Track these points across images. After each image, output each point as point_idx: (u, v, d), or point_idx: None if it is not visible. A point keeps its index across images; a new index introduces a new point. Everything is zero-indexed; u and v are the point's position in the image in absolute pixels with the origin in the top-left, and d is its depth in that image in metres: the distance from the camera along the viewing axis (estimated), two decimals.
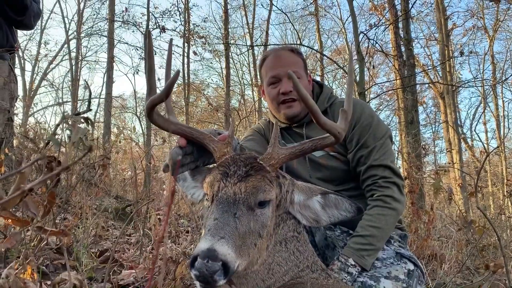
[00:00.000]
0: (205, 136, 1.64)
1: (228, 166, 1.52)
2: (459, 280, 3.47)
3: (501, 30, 20.71)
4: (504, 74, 20.32)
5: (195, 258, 1.21)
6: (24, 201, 1.17)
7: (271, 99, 2.45)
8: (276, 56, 2.45)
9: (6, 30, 3.90)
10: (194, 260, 1.22)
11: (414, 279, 2.02)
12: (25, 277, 1.09)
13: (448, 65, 17.84)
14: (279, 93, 2.38)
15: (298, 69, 2.37)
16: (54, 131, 3.26)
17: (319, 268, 1.66)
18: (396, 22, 10.70)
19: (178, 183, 1.83)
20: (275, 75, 2.39)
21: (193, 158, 1.70)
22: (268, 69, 2.44)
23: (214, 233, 1.28)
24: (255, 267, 1.48)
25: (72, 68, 18.95)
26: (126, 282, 2.23)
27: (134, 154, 7.06)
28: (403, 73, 10.57)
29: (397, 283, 1.93)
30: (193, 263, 1.21)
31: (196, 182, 1.79)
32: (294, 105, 2.39)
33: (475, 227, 3.85)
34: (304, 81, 2.39)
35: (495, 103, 21.38)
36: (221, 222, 1.33)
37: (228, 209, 1.38)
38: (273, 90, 2.41)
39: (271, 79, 2.41)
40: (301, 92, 1.46)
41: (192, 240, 3.70)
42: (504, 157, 18.33)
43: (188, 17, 17.62)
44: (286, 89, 2.35)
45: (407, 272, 2.01)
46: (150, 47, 1.76)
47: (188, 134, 1.63)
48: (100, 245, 3.24)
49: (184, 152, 1.64)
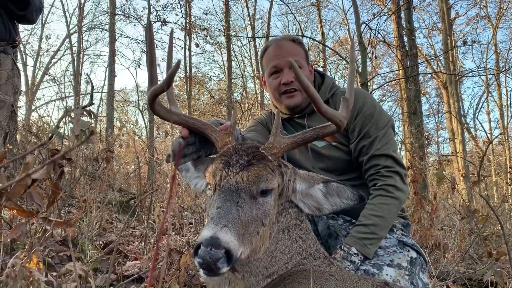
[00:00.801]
0: (207, 126, 1.64)
1: (230, 155, 1.52)
2: (462, 269, 3.48)
3: (504, 19, 20.57)
4: (508, 63, 20.21)
5: (199, 246, 1.23)
6: (29, 192, 1.18)
7: (272, 89, 2.44)
8: (277, 46, 2.43)
9: (8, 24, 3.91)
10: (197, 248, 1.23)
11: (417, 266, 2.02)
12: (30, 266, 1.11)
13: (451, 54, 17.72)
14: (280, 84, 2.37)
15: (299, 59, 2.36)
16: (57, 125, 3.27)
17: (322, 256, 1.67)
18: (398, 12, 10.63)
19: (181, 173, 1.83)
20: (276, 65, 2.37)
21: (195, 148, 1.71)
22: (269, 60, 2.43)
23: (217, 221, 1.29)
24: (258, 254, 1.49)
25: (74, 62, 18.96)
26: (131, 273, 2.26)
27: (137, 148, 7.08)
28: (405, 63, 10.52)
29: (399, 271, 1.94)
30: (196, 251, 1.23)
31: (199, 172, 1.79)
32: (296, 95, 2.38)
33: (479, 216, 3.86)
34: (305, 71, 2.38)
35: (498, 93, 21.27)
36: (223, 210, 1.34)
37: (231, 198, 1.39)
38: (275, 81, 2.40)
39: (272, 69, 2.40)
40: (302, 80, 1.46)
41: (196, 231, 3.72)
42: (508, 147, 18.27)
43: (189, 9, 17.55)
44: (287, 79, 2.34)
45: (409, 260, 2.02)
46: (151, 39, 1.76)
47: (191, 125, 1.64)
48: (105, 237, 3.27)
49: (187, 143, 1.64)
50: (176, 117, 1.63)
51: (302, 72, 2.37)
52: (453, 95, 17.36)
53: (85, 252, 2.48)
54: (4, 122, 3.76)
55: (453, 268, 3.13)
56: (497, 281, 2.72)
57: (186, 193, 6.71)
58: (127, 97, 25.45)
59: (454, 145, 17.01)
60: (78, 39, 19.82)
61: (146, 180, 7.20)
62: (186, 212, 5.89)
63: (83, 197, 3.62)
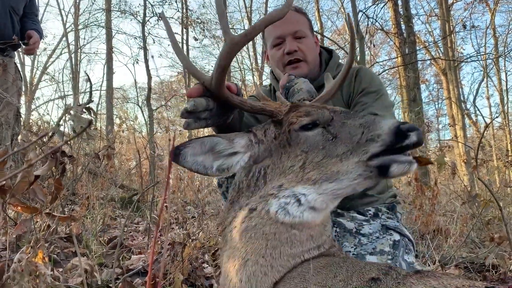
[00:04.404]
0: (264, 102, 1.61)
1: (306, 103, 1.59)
2: (464, 254, 3.51)
3: (502, 2, 20.42)
4: (507, 47, 20.10)
5: (413, 128, 1.28)
6: (32, 188, 1.19)
7: (276, 61, 2.36)
8: None
9: (17, 27, 4.04)
10: (412, 129, 1.28)
11: (400, 249, 2.04)
12: (36, 261, 1.13)
13: (450, 40, 17.66)
14: (284, 54, 2.30)
15: (302, 28, 2.31)
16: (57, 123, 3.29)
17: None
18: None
19: (184, 155, 1.42)
20: (279, 36, 2.31)
21: (212, 114, 1.53)
22: (271, 30, 2.34)
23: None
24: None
25: (72, 60, 18.93)
26: (136, 266, 2.28)
27: (138, 144, 7.11)
28: (404, 50, 10.48)
29: (382, 257, 1.97)
30: (411, 129, 1.28)
31: (236, 147, 1.50)
32: (301, 66, 2.32)
33: (480, 201, 3.87)
34: (310, 40, 2.33)
35: (498, 77, 21.20)
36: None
37: (350, 112, 1.50)
38: (278, 52, 2.33)
39: (276, 40, 2.33)
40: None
41: (199, 225, 3.75)
42: (508, 131, 18.26)
43: (186, 3, 17.46)
44: (290, 49, 2.28)
45: (392, 243, 2.04)
46: (168, 27, 1.68)
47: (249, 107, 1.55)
48: (109, 233, 3.30)
49: (206, 107, 1.47)
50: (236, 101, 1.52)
51: (306, 41, 2.33)
52: (453, 81, 17.32)
53: (90, 247, 2.51)
54: (11, 123, 3.83)
55: (455, 252, 3.15)
56: (500, 263, 2.74)
57: (188, 187, 6.75)
58: (126, 94, 25.39)
59: (455, 131, 17.00)
60: (75, 37, 19.79)
61: (148, 175, 7.23)
62: (189, 206, 5.93)
63: (85, 194, 3.65)
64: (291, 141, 1.46)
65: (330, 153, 1.38)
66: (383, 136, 1.31)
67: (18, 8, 4.07)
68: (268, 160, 1.49)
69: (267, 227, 1.39)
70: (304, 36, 2.31)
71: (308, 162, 1.40)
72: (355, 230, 2.12)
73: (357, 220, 2.18)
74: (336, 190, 1.37)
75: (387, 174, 1.30)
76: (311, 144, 1.42)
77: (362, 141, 1.34)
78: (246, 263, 1.37)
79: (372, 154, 1.31)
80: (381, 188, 2.37)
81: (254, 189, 1.47)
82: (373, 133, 1.33)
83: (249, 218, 1.42)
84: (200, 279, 2.14)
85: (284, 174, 1.43)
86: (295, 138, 1.45)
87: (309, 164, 1.39)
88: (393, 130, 1.29)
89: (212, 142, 1.45)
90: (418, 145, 1.28)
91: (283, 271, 1.35)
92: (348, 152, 1.35)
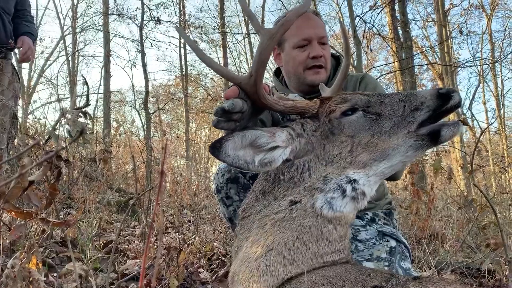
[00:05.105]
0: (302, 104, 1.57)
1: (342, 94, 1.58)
2: (460, 259, 3.51)
3: (499, 8, 20.54)
4: (503, 53, 20.19)
5: (453, 90, 1.35)
6: (27, 193, 1.19)
7: (297, 63, 2.29)
8: (305, 17, 2.26)
9: (10, 29, 3.96)
10: (452, 91, 1.35)
11: (396, 255, 2.04)
12: (30, 267, 1.13)
13: (446, 45, 17.73)
14: (308, 57, 2.25)
15: (326, 35, 2.29)
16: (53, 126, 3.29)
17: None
18: (392, 4, 10.62)
19: (224, 148, 1.39)
20: (307, 38, 2.24)
21: (244, 116, 1.46)
22: (297, 29, 2.25)
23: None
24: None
25: (69, 64, 18.91)
26: (131, 271, 2.27)
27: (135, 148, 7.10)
28: (400, 55, 10.53)
29: (378, 263, 1.97)
30: (452, 91, 1.35)
31: (278, 141, 1.45)
32: (322, 72, 2.28)
33: (476, 206, 3.88)
34: (329, 48, 2.32)
35: (494, 82, 21.27)
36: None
37: (381, 94, 1.53)
38: (302, 54, 2.26)
39: (302, 41, 2.26)
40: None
41: (195, 230, 3.74)
42: (504, 136, 18.32)
43: (183, 7, 17.51)
44: (318, 53, 2.23)
45: (389, 250, 2.04)
46: (185, 37, 1.65)
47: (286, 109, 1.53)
48: (105, 237, 3.29)
49: (240, 109, 1.39)
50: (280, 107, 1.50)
51: (327, 48, 2.33)
52: (449, 86, 17.37)
53: (85, 252, 2.49)
54: (7, 126, 3.80)
55: (451, 257, 3.16)
56: (496, 269, 2.74)
57: (185, 191, 6.73)
58: (123, 97, 25.36)
59: None
60: (72, 40, 19.78)
61: (144, 179, 7.22)
62: (185, 210, 5.92)
63: (82, 198, 3.63)
64: (334, 129, 1.45)
65: (377, 131, 1.40)
66: (427, 102, 1.36)
67: (8, 8, 3.95)
68: (310, 154, 1.47)
69: (307, 219, 1.38)
70: (326, 43, 2.30)
71: (355, 145, 1.41)
72: (352, 236, 2.12)
73: (354, 225, 2.19)
74: (385, 169, 1.40)
75: (439, 139, 1.35)
76: (356, 127, 1.42)
77: (407, 112, 1.38)
78: (269, 251, 1.36)
79: (419, 122, 1.36)
80: (378, 194, 2.38)
81: (298, 181, 1.45)
82: (416, 103, 1.38)
83: (290, 209, 1.41)
84: (196, 285, 2.13)
85: (331, 163, 1.43)
86: (338, 126, 1.45)
87: (357, 147, 1.40)
88: (436, 95, 1.35)
89: (253, 136, 1.42)
90: (460, 104, 1.35)
91: (303, 268, 1.33)
92: (395, 127, 1.38)
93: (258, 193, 1.54)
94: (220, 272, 2.46)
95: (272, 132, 1.45)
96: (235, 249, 1.52)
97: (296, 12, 1.39)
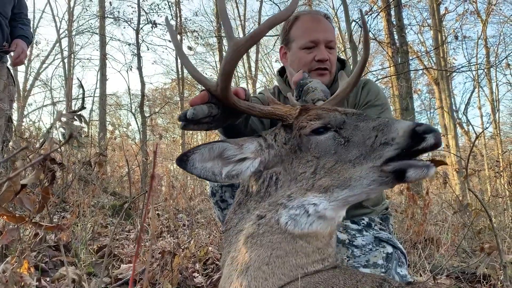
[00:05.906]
0: (275, 107, 1.55)
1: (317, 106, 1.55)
2: (456, 263, 3.51)
3: (494, 14, 20.68)
4: (498, 58, 20.31)
5: (430, 130, 1.23)
6: (19, 197, 1.18)
7: (302, 64, 2.31)
8: (316, 19, 2.31)
9: (7, 31, 3.95)
10: (430, 131, 1.23)
11: (393, 261, 2.04)
12: (21, 271, 1.11)
13: (442, 50, 17.84)
14: (314, 60, 2.27)
15: (334, 40, 2.31)
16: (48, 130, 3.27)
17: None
18: (388, 9, 10.67)
19: (192, 161, 1.39)
20: (315, 40, 2.26)
21: (214, 119, 1.50)
22: (305, 31, 2.29)
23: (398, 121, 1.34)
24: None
25: (65, 67, 18.86)
26: (125, 276, 2.25)
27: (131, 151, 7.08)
28: (396, 60, 10.58)
29: (375, 270, 1.96)
30: (428, 131, 1.23)
31: (246, 153, 1.46)
32: (326, 75, 2.30)
33: (471, 210, 3.89)
34: (335, 53, 2.34)
35: (489, 87, 21.39)
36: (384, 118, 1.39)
37: (362, 115, 1.44)
38: (308, 56, 2.29)
39: (309, 43, 2.28)
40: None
41: (190, 234, 3.72)
42: (499, 141, 18.41)
43: (179, 11, 17.51)
44: (324, 57, 2.25)
45: (385, 256, 2.03)
46: (171, 32, 1.64)
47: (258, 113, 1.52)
48: (99, 241, 3.26)
49: (210, 113, 1.43)
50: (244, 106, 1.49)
51: (334, 53, 2.34)
52: (445, 90, 17.46)
53: (79, 256, 2.47)
54: (2, 130, 3.78)
55: (446, 262, 3.16)
56: (491, 274, 2.75)
57: (180, 195, 6.71)
58: (119, 101, 25.31)
59: (447, 140, 17.11)
60: (69, 43, 19.73)
61: (140, 183, 7.19)
62: (180, 214, 5.89)
63: (76, 202, 3.61)
64: (302, 146, 1.41)
65: (342, 158, 1.33)
66: (398, 139, 1.25)
67: (5, 11, 3.94)
68: (279, 166, 1.44)
69: (275, 236, 1.36)
70: (333, 48, 2.31)
71: (319, 168, 1.35)
72: (348, 241, 2.11)
73: (350, 229, 2.18)
74: (348, 197, 1.33)
75: (404, 179, 1.25)
76: (323, 149, 1.37)
77: (376, 144, 1.29)
78: (248, 268, 1.34)
79: (387, 158, 1.26)
80: (376, 200, 2.37)
81: (264, 195, 1.43)
82: (387, 136, 1.28)
83: (257, 224, 1.39)
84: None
85: (295, 181, 1.39)
86: (306, 143, 1.41)
87: (321, 170, 1.35)
88: (409, 132, 1.24)
89: (221, 148, 1.40)
90: (436, 147, 1.21)
91: (285, 280, 1.32)
92: (361, 157, 1.30)
93: (235, 205, 1.54)
94: (214, 276, 2.45)
95: (239, 144, 1.44)
96: (222, 263, 1.51)
97: (269, 23, 1.38)
